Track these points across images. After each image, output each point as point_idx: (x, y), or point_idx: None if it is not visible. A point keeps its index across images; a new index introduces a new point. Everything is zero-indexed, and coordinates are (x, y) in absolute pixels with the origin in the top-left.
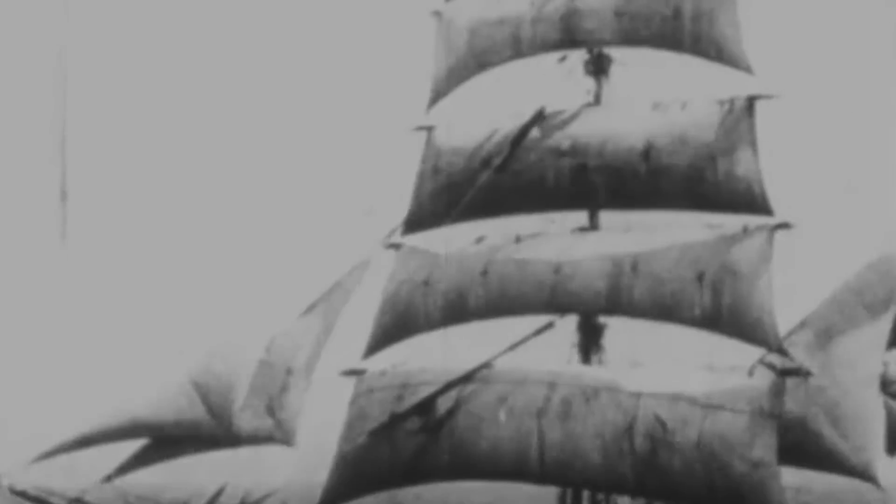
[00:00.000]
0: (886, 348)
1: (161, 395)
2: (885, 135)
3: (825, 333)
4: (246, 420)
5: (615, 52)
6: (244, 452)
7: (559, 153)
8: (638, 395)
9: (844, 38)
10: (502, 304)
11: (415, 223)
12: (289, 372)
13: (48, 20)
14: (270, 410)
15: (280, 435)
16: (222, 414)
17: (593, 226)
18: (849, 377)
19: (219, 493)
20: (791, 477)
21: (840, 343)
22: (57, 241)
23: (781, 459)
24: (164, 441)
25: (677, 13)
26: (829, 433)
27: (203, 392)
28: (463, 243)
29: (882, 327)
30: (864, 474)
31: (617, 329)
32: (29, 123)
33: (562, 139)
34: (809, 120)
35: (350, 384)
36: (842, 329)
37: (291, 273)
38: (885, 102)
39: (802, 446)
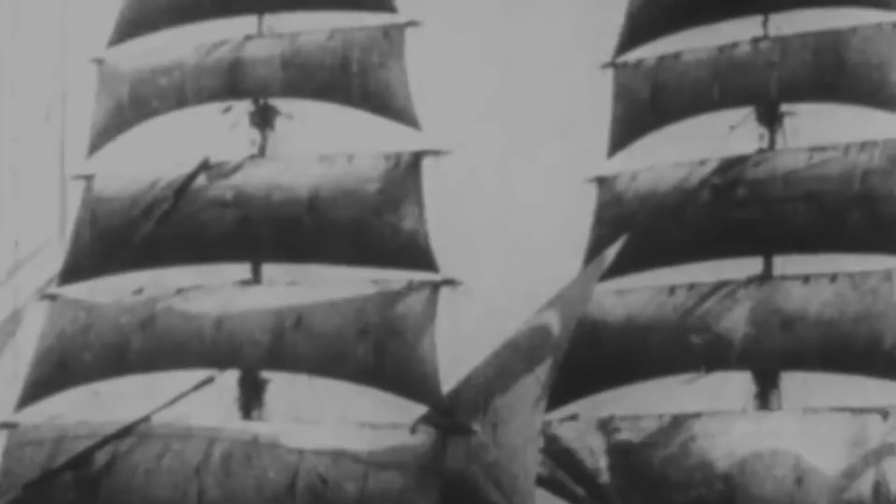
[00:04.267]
0: (546, 408)
1: None
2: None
3: (487, 391)
4: None
5: (283, 104)
6: None
7: (223, 204)
8: (300, 452)
9: (516, 96)
10: (162, 357)
11: (72, 273)
12: None
13: None
14: None
15: None
16: None
17: (256, 279)
18: (509, 436)
19: None
20: None
21: (501, 402)
22: None
23: None
24: None
25: (345, 66)
26: (491, 492)
27: None
28: (122, 294)
29: (541, 386)
30: None
31: (280, 385)
32: None
33: (226, 190)
34: (479, 177)
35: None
36: (503, 387)
37: None
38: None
39: None
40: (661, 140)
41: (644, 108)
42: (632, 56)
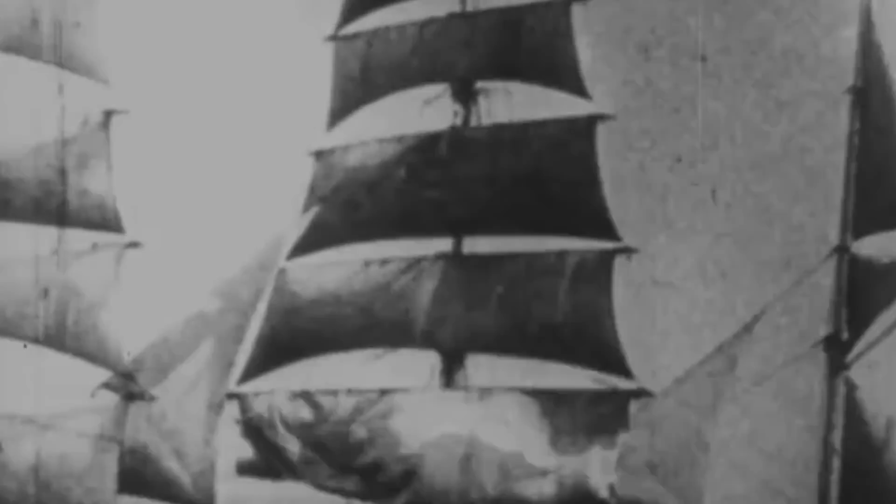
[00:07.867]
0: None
1: None
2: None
3: (171, 358)
4: None
5: None
6: None
7: None
8: None
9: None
10: None
11: None
12: None
13: None
14: None
15: None
16: None
17: None
18: (192, 404)
19: None
20: None
21: (184, 369)
22: None
23: (123, 488)
24: None
25: (35, 22)
26: (169, 461)
27: None
28: None
29: (227, 356)
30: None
31: None
32: None
33: None
34: (170, 136)
35: None
36: (184, 352)
37: None
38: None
39: (142, 474)
40: (373, 114)
41: (355, 82)
42: (351, 29)
